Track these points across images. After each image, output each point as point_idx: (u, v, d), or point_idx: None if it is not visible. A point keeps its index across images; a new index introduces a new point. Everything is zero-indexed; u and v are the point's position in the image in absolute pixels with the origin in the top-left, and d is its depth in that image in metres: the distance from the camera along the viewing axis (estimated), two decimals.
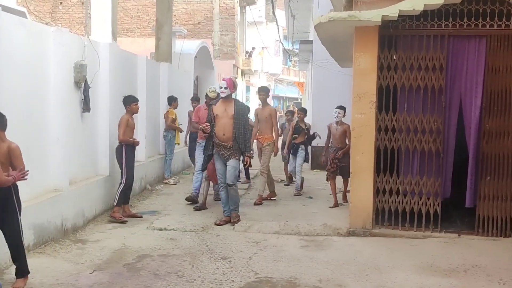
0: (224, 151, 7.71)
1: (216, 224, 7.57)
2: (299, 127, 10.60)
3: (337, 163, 9.01)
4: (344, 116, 9.02)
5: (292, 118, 12.17)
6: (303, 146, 10.59)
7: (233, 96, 8.09)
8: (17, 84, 6.06)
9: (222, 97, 7.85)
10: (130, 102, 8.13)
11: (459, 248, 6.61)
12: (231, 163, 7.69)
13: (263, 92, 9.76)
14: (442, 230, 7.12)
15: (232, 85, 7.80)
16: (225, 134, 7.68)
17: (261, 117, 9.64)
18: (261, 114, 9.66)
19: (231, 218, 7.72)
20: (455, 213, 7.73)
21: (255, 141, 9.80)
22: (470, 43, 7.06)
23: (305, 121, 10.86)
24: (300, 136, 10.57)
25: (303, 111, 11.05)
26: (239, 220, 7.74)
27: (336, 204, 9.02)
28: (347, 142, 8.84)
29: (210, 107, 8.00)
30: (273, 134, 9.77)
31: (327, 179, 9.31)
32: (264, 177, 9.40)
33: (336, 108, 9.13)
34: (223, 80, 7.85)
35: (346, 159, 8.52)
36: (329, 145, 9.31)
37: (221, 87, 7.79)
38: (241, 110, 7.82)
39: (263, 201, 9.34)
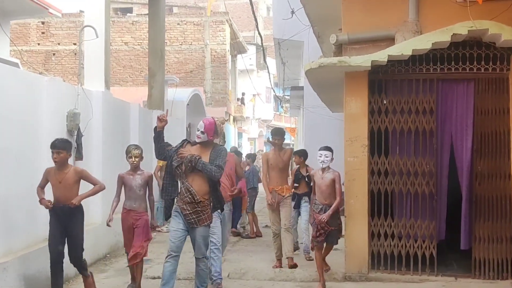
0: (189, 210, 5.59)
1: None
2: (298, 174, 8.75)
3: (325, 229, 6.67)
4: (332, 160, 6.78)
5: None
6: (306, 198, 8.46)
7: (218, 140, 6.23)
8: (10, 132, 6.07)
9: (198, 142, 5.84)
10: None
11: None
12: (199, 231, 5.64)
13: (279, 135, 8.06)
14: (439, 274, 7.05)
15: (211, 131, 5.78)
16: (193, 186, 5.61)
17: (277, 163, 7.98)
18: (277, 160, 7.98)
19: None
20: (451, 256, 7.67)
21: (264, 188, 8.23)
22: (458, 86, 7.17)
23: (308, 165, 8.85)
24: (300, 185, 8.63)
25: (300, 155, 8.96)
26: None
27: (323, 284, 6.72)
28: (336, 196, 6.72)
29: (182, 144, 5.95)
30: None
31: (311, 248, 7.14)
32: (290, 234, 7.93)
33: (320, 150, 6.78)
34: (202, 121, 5.86)
35: (335, 221, 6.77)
36: (314, 201, 6.91)
37: (198, 130, 5.82)
38: (217, 155, 5.74)
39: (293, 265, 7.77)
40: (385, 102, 7.28)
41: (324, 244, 6.90)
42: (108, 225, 6.55)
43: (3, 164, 5.82)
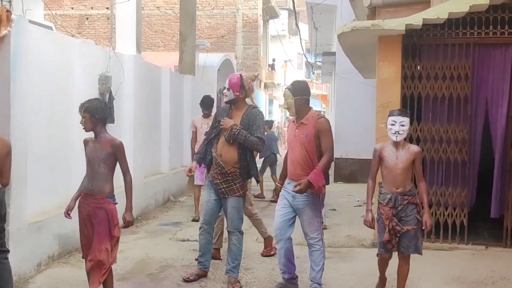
0: (220, 180, 5.31)
1: (184, 280, 5.53)
2: None
3: (397, 230, 4.76)
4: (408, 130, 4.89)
5: None
6: None
7: (250, 101, 5.64)
8: (44, 94, 6.16)
9: (225, 102, 5.52)
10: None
11: (486, 260, 6.47)
12: (231, 202, 5.34)
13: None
14: (469, 242, 6.99)
15: (237, 86, 5.32)
16: (223, 154, 5.32)
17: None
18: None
19: (229, 284, 5.36)
20: (482, 225, 7.58)
21: None
22: (496, 51, 6.96)
23: None
24: None
25: None
26: (240, 287, 5.35)
27: None
28: (419, 181, 4.90)
29: (218, 111, 5.65)
30: None
31: (378, 255, 5.07)
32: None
33: (393, 115, 4.86)
34: (228, 78, 5.47)
35: (412, 218, 4.77)
36: (379, 190, 4.96)
37: (224, 88, 5.46)
38: (251, 121, 5.33)
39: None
40: (419, 68, 7.12)
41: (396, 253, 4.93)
42: (65, 216, 4.73)
43: (36, 124, 5.91)
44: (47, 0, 21.47)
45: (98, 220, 4.47)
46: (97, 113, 4.49)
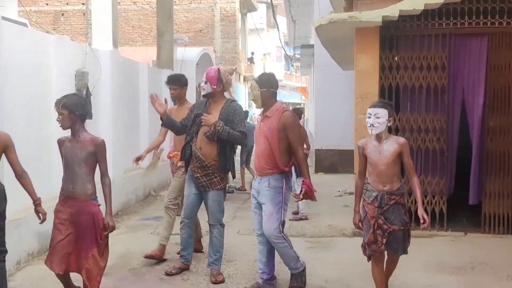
0: (200, 173, 5.26)
1: (166, 274, 5.51)
2: None
3: (385, 230, 4.40)
4: (388, 122, 4.44)
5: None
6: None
7: (228, 95, 5.67)
8: (20, 92, 6.07)
9: (202, 95, 5.46)
10: None
11: (465, 246, 6.58)
12: (211, 195, 5.31)
13: (173, 82, 6.48)
14: (449, 229, 7.09)
15: (214, 79, 5.26)
16: (202, 148, 5.26)
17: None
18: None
19: (211, 276, 5.35)
20: (461, 212, 7.69)
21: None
22: (471, 41, 7.05)
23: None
24: None
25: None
26: (222, 280, 5.32)
27: None
28: (411, 176, 4.51)
29: (196, 104, 5.65)
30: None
31: (368, 259, 4.65)
32: (168, 214, 6.18)
33: (371, 107, 4.49)
34: (205, 71, 5.42)
35: (399, 217, 4.43)
36: (364, 187, 4.62)
37: (202, 81, 5.37)
38: (230, 115, 5.29)
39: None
40: (396, 58, 7.18)
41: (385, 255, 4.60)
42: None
43: (14, 123, 5.84)
44: None
45: (83, 226, 4.20)
46: (77, 110, 4.18)
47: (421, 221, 4.31)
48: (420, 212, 4.35)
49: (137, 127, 10.40)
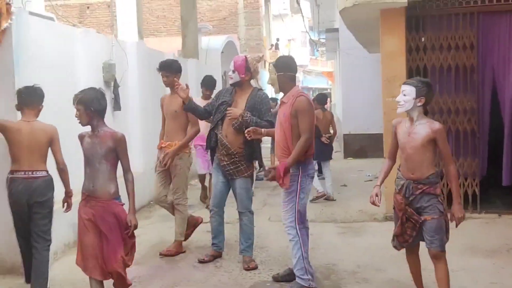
0: (227, 161, 5.30)
1: (199, 261, 5.59)
2: None
3: (415, 221, 4.04)
4: (417, 99, 4.01)
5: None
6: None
7: (255, 83, 5.66)
8: (48, 86, 6.14)
9: (230, 84, 5.48)
10: (43, 99, 4.97)
11: (500, 228, 6.49)
12: (239, 183, 5.36)
13: (164, 69, 6.24)
14: (482, 211, 6.99)
15: (242, 68, 5.26)
16: (228, 135, 5.28)
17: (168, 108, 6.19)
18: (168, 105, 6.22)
19: (244, 263, 5.43)
20: (494, 193, 7.57)
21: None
22: (501, 19, 6.90)
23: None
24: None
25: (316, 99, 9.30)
26: (255, 266, 5.38)
27: None
28: (447, 165, 4.08)
29: (221, 91, 5.64)
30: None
31: (397, 249, 4.40)
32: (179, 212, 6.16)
33: (403, 84, 4.16)
34: (233, 60, 5.40)
35: (430, 207, 3.99)
36: (397, 173, 4.24)
37: (229, 70, 5.37)
38: (257, 104, 5.30)
39: None
40: (423, 39, 7.07)
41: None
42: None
43: (43, 117, 5.90)
44: None
45: (107, 227, 4.02)
46: (92, 105, 4.00)
47: (451, 220, 3.92)
48: (454, 209, 3.92)
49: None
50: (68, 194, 4.77)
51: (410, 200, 4.02)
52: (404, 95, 4.02)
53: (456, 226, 3.92)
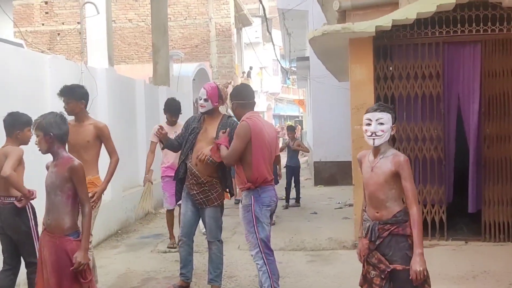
0: (197, 190, 5.19)
1: None
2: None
3: (382, 270, 3.46)
4: (391, 130, 3.53)
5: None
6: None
7: (225, 110, 5.78)
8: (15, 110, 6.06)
9: (201, 113, 5.35)
10: (21, 125, 4.86)
11: (467, 255, 6.54)
12: (209, 212, 5.24)
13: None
14: (449, 238, 7.06)
15: (215, 96, 5.21)
16: (198, 164, 5.15)
17: None
18: None
19: None
20: (461, 220, 7.66)
21: None
22: (465, 49, 7.08)
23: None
24: None
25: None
26: None
27: None
28: (410, 205, 3.45)
29: (191, 119, 5.54)
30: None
31: None
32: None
33: (370, 111, 3.59)
34: (203, 88, 5.28)
35: (396, 250, 3.46)
36: (363, 214, 3.74)
37: (200, 99, 5.26)
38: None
39: None
40: (391, 68, 7.20)
41: None
42: None
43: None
44: (17, 17, 21.30)
45: (59, 266, 3.63)
46: (52, 130, 3.71)
47: (410, 276, 3.31)
48: (415, 261, 3.32)
49: (135, 144, 10.39)
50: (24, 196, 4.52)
51: (377, 245, 3.47)
52: (381, 123, 3.47)
53: (414, 283, 3.32)
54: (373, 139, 3.49)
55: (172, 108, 7.34)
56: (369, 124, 3.51)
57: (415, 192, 3.46)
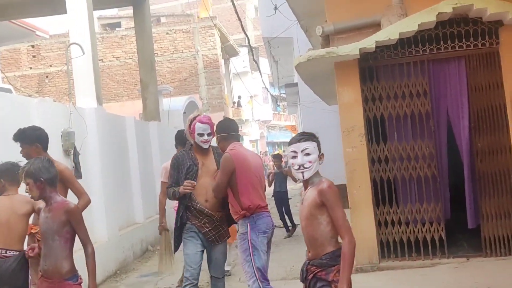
0: (209, 228, 4.93)
1: None
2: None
3: None
4: (319, 159, 3.39)
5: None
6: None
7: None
8: (4, 157, 6.01)
9: (203, 148, 5.03)
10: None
11: (469, 272, 6.47)
12: (220, 248, 5.07)
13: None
14: (450, 256, 6.98)
15: (213, 127, 5.10)
16: (208, 200, 4.92)
17: None
18: None
19: None
20: (461, 236, 7.61)
21: None
22: (450, 65, 7.12)
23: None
24: None
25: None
26: None
27: None
28: (343, 236, 3.21)
29: (179, 157, 5.11)
30: None
31: None
32: None
33: (293, 142, 3.41)
34: (203, 123, 4.99)
35: None
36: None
37: (201, 134, 4.97)
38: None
39: None
40: (378, 89, 7.22)
41: None
42: None
43: None
44: (4, 62, 21.38)
45: None
46: (42, 175, 3.67)
47: None
48: None
49: (129, 182, 10.33)
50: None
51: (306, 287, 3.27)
52: (308, 154, 3.25)
53: None
54: (302, 172, 3.26)
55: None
56: (295, 157, 3.28)
57: (344, 221, 3.15)
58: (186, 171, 4.94)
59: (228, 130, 5.01)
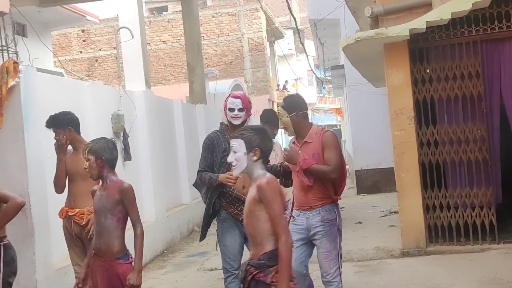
0: None
1: None
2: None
3: None
4: (257, 154, 3.16)
5: None
6: None
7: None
8: None
9: (235, 125, 4.60)
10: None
11: None
12: None
13: None
14: (501, 241, 6.82)
15: (249, 105, 4.71)
16: (246, 186, 4.40)
17: None
18: None
19: None
20: None
21: None
22: (504, 45, 6.88)
23: None
24: None
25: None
26: None
27: None
28: (280, 235, 2.99)
29: (213, 138, 4.70)
30: None
31: None
32: None
33: (231, 139, 3.33)
34: (235, 97, 4.68)
35: None
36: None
37: (233, 109, 4.61)
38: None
39: None
40: (428, 71, 7.07)
41: None
42: None
43: (53, 172, 5.94)
44: (56, 46, 21.94)
45: None
46: (104, 154, 3.76)
47: None
48: None
49: (176, 164, 10.49)
50: None
51: None
52: (234, 152, 3.13)
53: None
54: (233, 170, 3.25)
55: (274, 120, 5.75)
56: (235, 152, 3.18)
57: (281, 219, 2.95)
58: (221, 155, 4.58)
59: (305, 107, 4.54)
